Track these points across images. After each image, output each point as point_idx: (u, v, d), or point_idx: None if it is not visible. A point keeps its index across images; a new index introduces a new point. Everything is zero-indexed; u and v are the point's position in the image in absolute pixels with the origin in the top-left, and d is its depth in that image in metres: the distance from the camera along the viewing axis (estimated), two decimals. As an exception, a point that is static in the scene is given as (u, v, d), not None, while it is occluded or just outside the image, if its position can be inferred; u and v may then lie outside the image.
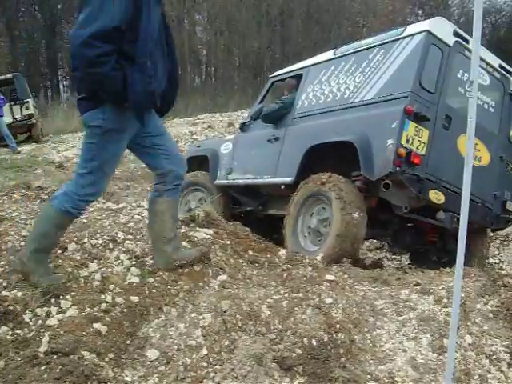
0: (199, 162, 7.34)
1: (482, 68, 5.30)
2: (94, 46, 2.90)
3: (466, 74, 5.10)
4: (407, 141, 4.72)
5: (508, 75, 5.66)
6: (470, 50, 4.80)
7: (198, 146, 8.06)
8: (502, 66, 5.61)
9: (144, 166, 12.03)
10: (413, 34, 5.04)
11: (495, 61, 5.58)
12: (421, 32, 4.99)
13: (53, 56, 33.89)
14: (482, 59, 5.18)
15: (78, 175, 3.29)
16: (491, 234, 6.45)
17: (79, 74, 3.11)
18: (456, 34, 5.12)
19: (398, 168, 4.68)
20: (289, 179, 5.72)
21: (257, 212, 6.73)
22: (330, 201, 5.02)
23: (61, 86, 35.83)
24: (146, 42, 3.11)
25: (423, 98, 4.87)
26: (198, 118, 20.52)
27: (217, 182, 6.88)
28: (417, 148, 4.78)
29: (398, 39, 5.18)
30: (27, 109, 17.54)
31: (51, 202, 3.37)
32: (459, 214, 2.43)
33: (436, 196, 4.89)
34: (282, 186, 5.86)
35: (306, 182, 5.37)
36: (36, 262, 3.30)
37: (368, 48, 5.48)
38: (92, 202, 3.54)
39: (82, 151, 3.31)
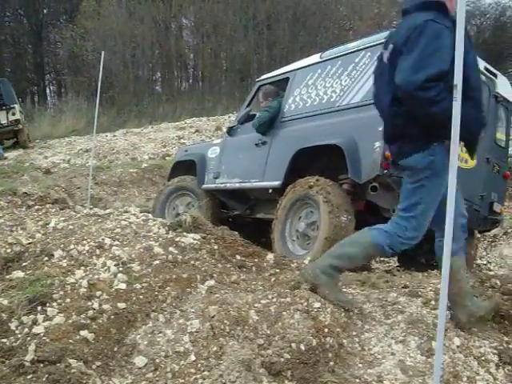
0: (187, 167, 7.33)
1: (468, 70, 5.32)
2: (431, 87, 3.01)
3: (451, 77, 5.12)
4: (394, 143, 4.72)
5: (493, 77, 5.69)
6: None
7: (186, 151, 8.04)
8: (487, 69, 5.64)
9: (131, 170, 12.05)
10: (399, 37, 5.05)
11: (480, 63, 5.59)
12: (406, 35, 4.99)
13: (39, 61, 33.76)
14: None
15: (402, 218, 3.31)
16: (478, 236, 6.48)
17: (405, 120, 3.19)
18: None
19: (385, 171, 4.69)
20: (276, 183, 5.71)
21: (244, 216, 6.72)
22: (317, 204, 5.02)
23: (47, 91, 35.69)
24: (473, 78, 3.16)
25: (409, 100, 4.87)
26: (186, 122, 20.51)
27: (204, 186, 6.87)
28: (404, 151, 4.79)
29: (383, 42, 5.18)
30: (13, 114, 17.44)
31: (370, 231, 3.42)
32: (446, 217, 2.43)
33: None
34: (270, 190, 5.86)
35: (294, 186, 5.36)
36: (329, 277, 3.40)
37: (354, 51, 5.48)
38: (411, 245, 3.42)
39: (407, 194, 3.33)
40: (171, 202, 7.18)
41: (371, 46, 5.31)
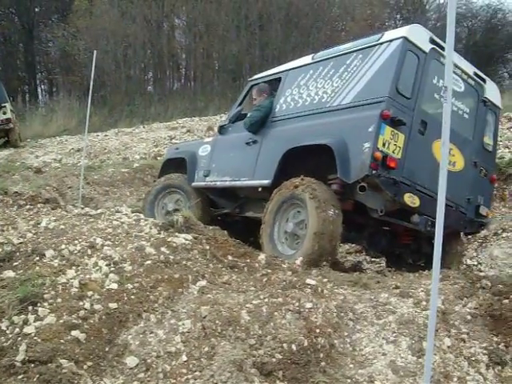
0: (177, 164, 7.32)
1: (457, 75, 5.38)
2: None
3: (441, 81, 5.16)
4: (383, 145, 4.76)
5: (482, 82, 5.75)
6: (445, 57, 4.85)
7: (177, 149, 8.05)
8: (476, 74, 5.69)
9: (123, 170, 12.01)
10: (390, 40, 5.09)
11: (470, 68, 5.65)
12: (398, 38, 5.03)
13: (31, 60, 33.53)
14: (457, 66, 5.27)
15: None
16: (469, 236, 6.51)
17: None
18: (432, 41, 5.18)
19: (374, 171, 4.71)
20: (266, 182, 5.72)
21: (234, 214, 6.74)
22: (304, 202, 5.04)
23: (39, 90, 35.47)
24: None
25: (399, 103, 4.91)
26: (177, 122, 20.44)
27: (194, 184, 6.87)
28: (393, 152, 4.82)
29: (375, 45, 5.21)
30: (4, 113, 17.29)
31: None
32: (433, 218, 2.45)
33: (411, 199, 4.93)
34: (260, 189, 5.87)
35: (280, 189, 5.39)
36: None
37: (346, 53, 5.51)
38: None
39: None
40: (160, 201, 7.18)
41: (363, 49, 5.34)
